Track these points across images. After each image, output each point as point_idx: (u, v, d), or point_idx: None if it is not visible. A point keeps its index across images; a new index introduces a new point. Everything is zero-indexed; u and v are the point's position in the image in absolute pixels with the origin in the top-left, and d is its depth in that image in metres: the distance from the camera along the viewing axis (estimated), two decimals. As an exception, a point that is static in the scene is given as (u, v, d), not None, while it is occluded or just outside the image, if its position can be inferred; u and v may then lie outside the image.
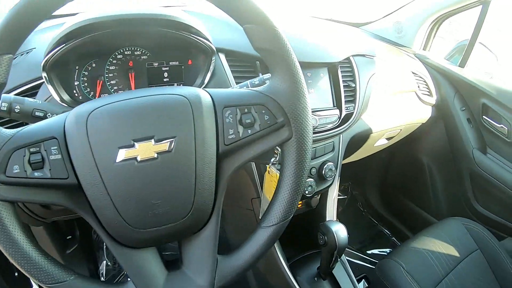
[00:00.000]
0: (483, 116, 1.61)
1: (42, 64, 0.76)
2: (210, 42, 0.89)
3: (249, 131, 0.61)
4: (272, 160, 0.87)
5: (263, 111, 0.61)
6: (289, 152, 0.64)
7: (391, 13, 1.79)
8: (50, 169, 0.51)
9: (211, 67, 0.92)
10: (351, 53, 1.20)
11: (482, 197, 1.66)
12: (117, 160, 0.52)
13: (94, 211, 0.55)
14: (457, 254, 1.25)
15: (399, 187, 2.07)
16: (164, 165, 0.55)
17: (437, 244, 1.26)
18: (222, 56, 0.95)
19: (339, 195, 2.17)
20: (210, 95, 0.61)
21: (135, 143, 0.53)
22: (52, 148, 0.52)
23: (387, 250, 1.99)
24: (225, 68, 0.95)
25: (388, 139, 1.55)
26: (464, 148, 1.63)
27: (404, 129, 1.55)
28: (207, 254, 0.63)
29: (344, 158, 1.23)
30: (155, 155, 0.54)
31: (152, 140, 0.54)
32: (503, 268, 1.26)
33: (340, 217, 2.09)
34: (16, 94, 0.76)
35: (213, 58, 0.91)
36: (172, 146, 0.55)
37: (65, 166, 0.52)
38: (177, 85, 0.95)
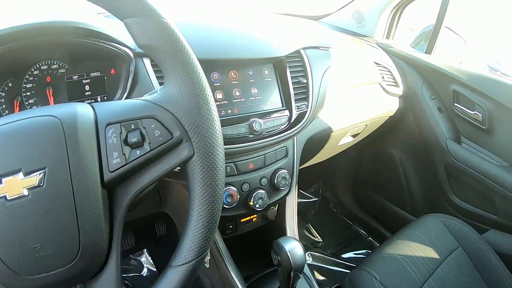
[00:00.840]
0: (455, 104, 1.52)
1: None
2: (128, 47, 0.79)
3: (138, 152, 0.49)
4: None
5: (153, 126, 0.50)
6: (193, 174, 0.52)
7: (350, 2, 1.69)
8: None
9: (131, 75, 0.81)
10: (301, 45, 1.08)
11: (459, 189, 1.58)
12: None
13: None
14: (436, 256, 1.15)
15: (371, 184, 1.97)
16: (36, 203, 0.45)
17: (414, 247, 1.16)
18: (146, 62, 0.83)
19: (310, 198, 2.07)
20: (94, 111, 0.50)
21: (1, 178, 0.43)
22: None
23: (364, 251, 1.90)
24: (150, 74, 0.83)
25: (353, 136, 1.45)
26: (437, 139, 1.54)
27: (370, 125, 1.45)
28: None
29: (303, 162, 1.13)
30: (25, 192, 0.44)
31: (20, 174, 0.44)
32: (487, 264, 1.18)
33: (313, 221, 2.00)
34: None
35: (131, 65, 0.80)
36: (42, 180, 0.45)
37: None
38: (101, 98, 0.86)
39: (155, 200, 1.05)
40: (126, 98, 0.81)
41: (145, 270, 1.61)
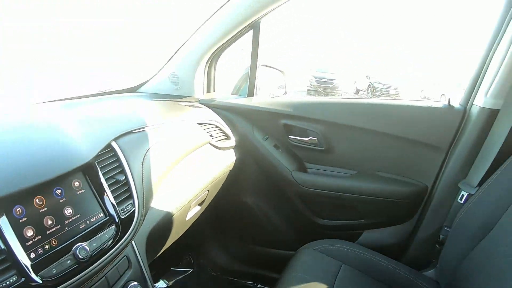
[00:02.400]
0: (289, 136, 1.59)
1: None
2: None
3: None
4: None
5: None
6: None
7: (163, 66, 1.65)
8: None
9: None
10: (110, 137, 0.97)
11: (322, 211, 1.64)
12: None
13: None
14: (325, 287, 1.13)
15: (240, 235, 1.93)
16: None
17: None
18: None
19: (185, 272, 1.94)
20: None
21: None
22: None
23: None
24: None
25: (199, 205, 1.39)
26: (283, 174, 1.58)
27: (212, 187, 1.41)
28: None
29: (155, 255, 1.02)
30: None
31: None
32: (374, 265, 1.22)
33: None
34: None
35: None
36: None
37: None
38: None
39: None
40: None
41: None
